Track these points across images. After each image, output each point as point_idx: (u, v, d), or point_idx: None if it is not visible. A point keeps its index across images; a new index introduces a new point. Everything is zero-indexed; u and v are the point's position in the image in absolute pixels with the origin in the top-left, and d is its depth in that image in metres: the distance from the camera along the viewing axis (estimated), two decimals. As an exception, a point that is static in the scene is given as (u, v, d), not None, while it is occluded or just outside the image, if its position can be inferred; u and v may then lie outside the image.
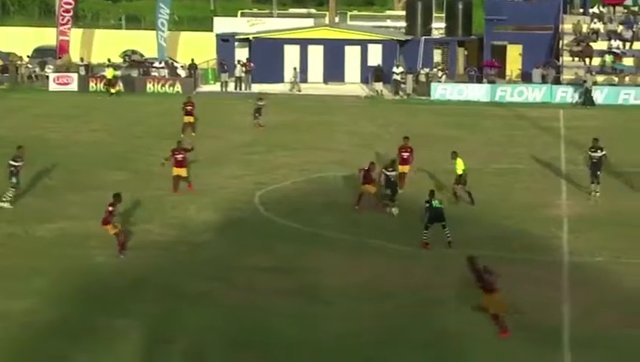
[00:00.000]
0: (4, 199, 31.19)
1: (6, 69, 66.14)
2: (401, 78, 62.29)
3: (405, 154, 33.81)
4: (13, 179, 31.40)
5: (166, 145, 40.49)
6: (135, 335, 20.43)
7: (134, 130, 46.54)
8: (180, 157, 33.17)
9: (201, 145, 42.01)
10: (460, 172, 32.09)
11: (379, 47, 68.00)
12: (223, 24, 74.25)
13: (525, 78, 63.88)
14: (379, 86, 62.04)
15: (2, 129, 37.83)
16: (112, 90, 60.95)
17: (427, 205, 26.95)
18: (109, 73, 62.29)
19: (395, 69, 62.88)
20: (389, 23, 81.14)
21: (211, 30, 73.96)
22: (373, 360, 19.50)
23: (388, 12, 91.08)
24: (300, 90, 63.29)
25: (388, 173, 30.82)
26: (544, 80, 61.09)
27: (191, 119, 45.18)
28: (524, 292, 23.42)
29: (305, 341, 20.38)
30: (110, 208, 25.71)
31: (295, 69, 64.78)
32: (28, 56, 68.70)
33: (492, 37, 66.62)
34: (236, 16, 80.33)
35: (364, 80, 66.40)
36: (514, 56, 66.26)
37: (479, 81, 62.80)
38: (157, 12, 68.16)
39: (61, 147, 42.02)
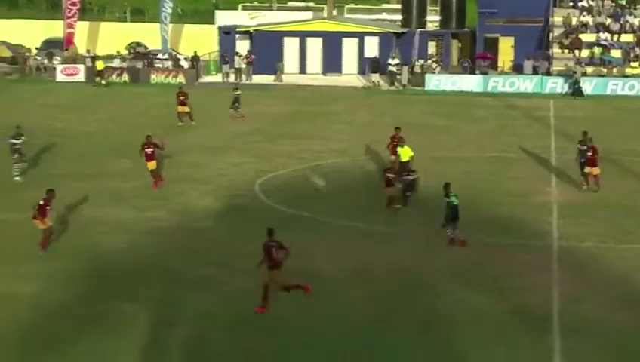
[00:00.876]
0: (15, 174, 33.36)
1: (15, 61, 66.07)
2: (397, 70, 62.21)
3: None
4: (16, 155, 33.62)
5: (167, 133, 40.59)
6: (139, 319, 20.39)
7: (138, 120, 46.35)
8: (149, 151, 32.20)
9: (203, 134, 42.08)
10: (406, 159, 31.66)
11: (375, 39, 67.95)
12: (225, 17, 74.05)
13: (517, 69, 63.83)
14: (375, 77, 61.93)
15: (12, 118, 37.81)
16: (102, 81, 60.89)
17: (447, 201, 25.68)
18: (99, 65, 62.28)
19: (390, 61, 62.83)
20: (385, 15, 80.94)
21: (213, 23, 73.77)
22: (368, 341, 19.46)
23: (384, 5, 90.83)
24: (281, 81, 63.37)
25: (404, 178, 29.91)
26: (535, 71, 61.02)
27: (186, 109, 45.06)
28: (515, 276, 23.47)
29: (301, 323, 20.36)
30: (44, 203, 24.87)
31: (281, 62, 65.03)
32: (36, 48, 68.62)
33: (484, 29, 66.54)
34: (237, 9, 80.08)
35: (362, 71, 66.32)
36: (506, 48, 66.16)
37: (472, 72, 62.72)
38: (161, 6, 68.10)
39: (68, 136, 41.92)
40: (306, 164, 36.60)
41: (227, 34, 69.55)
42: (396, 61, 62.83)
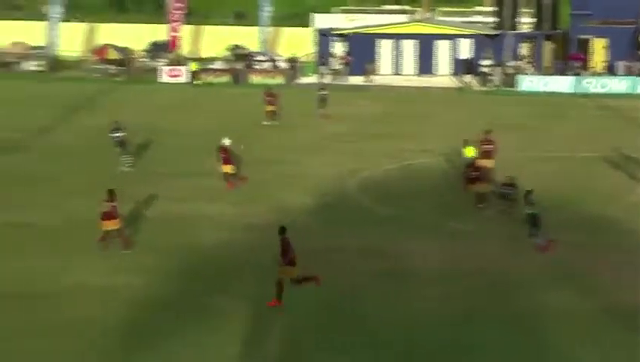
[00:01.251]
0: (126, 166, 34.52)
1: (122, 63, 67.27)
2: (489, 71, 61.54)
3: (488, 147, 31.35)
4: (118, 148, 34.78)
5: (264, 133, 40.84)
6: (236, 314, 20.45)
7: (237, 120, 46.66)
8: (224, 155, 32.38)
9: (298, 134, 42.18)
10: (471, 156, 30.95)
11: (468, 41, 67.41)
12: (321, 20, 74.25)
13: (610, 70, 62.64)
14: (468, 78, 61.37)
15: (119, 118, 38.41)
16: (196, 82, 61.79)
17: (527, 213, 24.91)
18: (192, 66, 63.16)
19: (483, 62, 62.20)
20: (477, 18, 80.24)
21: (309, 26, 74.00)
22: (455, 338, 19.24)
23: (477, 8, 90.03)
24: (372, 81, 63.15)
25: (504, 191, 28.05)
26: (629, 72, 59.73)
27: (273, 108, 45.26)
28: (604, 275, 22.95)
29: (393, 318, 20.22)
30: (112, 204, 24.65)
31: (373, 62, 64.92)
32: (143, 51, 69.75)
33: (577, 31, 65.46)
34: (330, 12, 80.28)
35: (455, 72, 65.80)
36: (598, 49, 64.97)
37: (564, 73, 61.67)
38: (260, 9, 68.69)
39: (170, 135, 42.36)
40: (399, 163, 36.40)
41: (324, 36, 69.80)
42: (488, 62, 62.17)
